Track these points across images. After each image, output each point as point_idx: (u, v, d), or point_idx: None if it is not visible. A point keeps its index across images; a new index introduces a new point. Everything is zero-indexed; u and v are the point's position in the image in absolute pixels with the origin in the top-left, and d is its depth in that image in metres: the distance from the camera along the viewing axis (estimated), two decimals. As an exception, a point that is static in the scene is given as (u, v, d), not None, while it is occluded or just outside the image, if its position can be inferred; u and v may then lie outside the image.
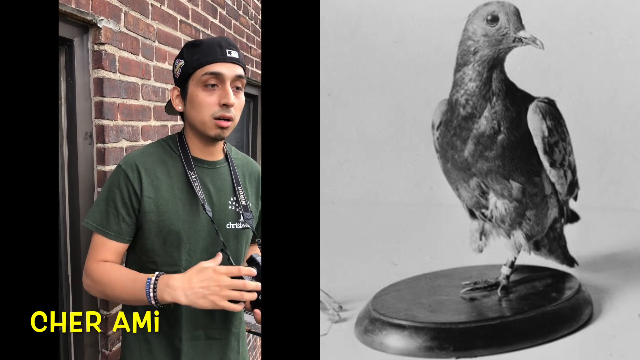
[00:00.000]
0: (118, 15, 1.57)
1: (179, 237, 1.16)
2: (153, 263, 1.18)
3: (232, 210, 1.23)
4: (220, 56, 1.15)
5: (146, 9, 1.74)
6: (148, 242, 1.17)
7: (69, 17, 1.39)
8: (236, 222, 1.23)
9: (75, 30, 1.45)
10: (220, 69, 1.14)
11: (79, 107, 1.48)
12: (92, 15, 1.45)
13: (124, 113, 1.62)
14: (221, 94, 1.15)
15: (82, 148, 1.50)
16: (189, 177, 1.18)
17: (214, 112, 1.15)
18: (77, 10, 1.38)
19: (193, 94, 1.16)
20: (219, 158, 1.26)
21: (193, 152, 1.22)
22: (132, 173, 1.15)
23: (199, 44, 1.18)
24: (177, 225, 1.16)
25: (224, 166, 1.26)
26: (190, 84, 1.17)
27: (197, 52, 1.17)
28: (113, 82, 1.57)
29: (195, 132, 1.20)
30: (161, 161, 1.19)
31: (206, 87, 1.15)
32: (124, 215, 1.15)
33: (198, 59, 1.16)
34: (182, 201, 1.18)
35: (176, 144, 1.22)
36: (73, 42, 1.45)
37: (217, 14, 2.47)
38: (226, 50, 1.16)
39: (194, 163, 1.20)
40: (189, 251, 1.18)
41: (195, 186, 1.17)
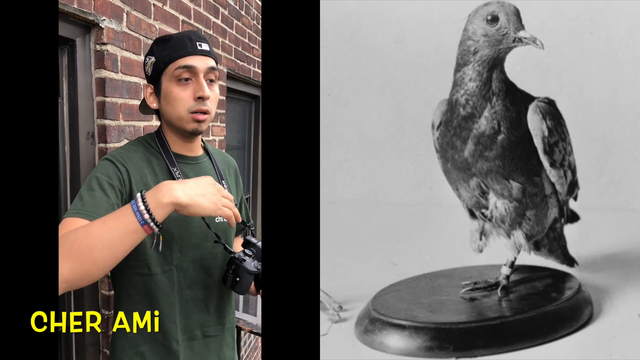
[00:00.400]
0: (120, 15, 1.57)
1: (171, 234, 1.14)
2: (145, 266, 1.13)
3: None
4: (191, 49, 1.13)
5: (148, 9, 1.74)
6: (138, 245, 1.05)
7: (71, 17, 1.39)
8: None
9: (77, 30, 1.45)
10: (192, 62, 1.13)
11: (81, 106, 1.48)
12: (95, 15, 1.45)
13: (126, 113, 1.62)
14: (195, 88, 1.13)
15: (84, 148, 1.50)
16: (173, 174, 1.16)
17: (190, 106, 1.13)
18: (79, 10, 1.38)
19: (167, 90, 1.14)
20: (199, 153, 1.25)
21: (173, 148, 1.20)
22: (120, 166, 1.10)
23: (169, 38, 1.16)
24: (168, 223, 1.11)
25: (206, 161, 1.26)
26: (163, 79, 1.15)
27: (167, 47, 1.15)
28: (115, 82, 1.57)
29: (172, 129, 1.18)
30: (145, 159, 1.16)
31: (180, 81, 1.13)
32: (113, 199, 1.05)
33: (169, 54, 1.14)
34: None
35: (155, 142, 1.19)
36: (75, 42, 1.45)
37: (219, 14, 2.47)
38: (196, 42, 1.14)
39: (176, 159, 1.19)
40: (181, 249, 1.16)
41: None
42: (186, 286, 1.18)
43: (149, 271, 1.14)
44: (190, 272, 1.18)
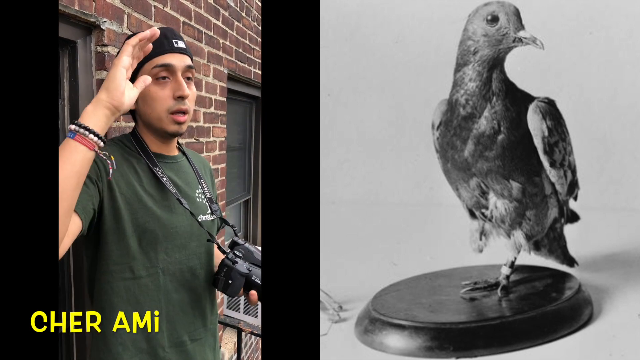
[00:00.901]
0: (121, 16, 1.57)
1: (155, 235, 1.10)
2: (129, 270, 1.09)
3: (200, 202, 1.20)
4: (168, 47, 1.09)
5: (149, 11, 1.75)
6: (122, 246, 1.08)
7: (72, 18, 1.39)
8: (205, 214, 1.20)
9: (78, 31, 1.45)
10: (170, 60, 1.09)
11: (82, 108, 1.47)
12: (95, 17, 1.45)
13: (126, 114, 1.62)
14: (174, 87, 1.09)
15: (83, 148, 1.50)
16: (156, 173, 1.11)
17: (170, 106, 1.09)
18: (80, 12, 1.39)
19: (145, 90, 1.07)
20: (176, 153, 1.21)
21: (152, 148, 1.15)
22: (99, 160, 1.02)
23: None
24: (152, 223, 1.09)
25: (183, 160, 1.22)
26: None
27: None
28: (115, 83, 1.57)
29: (151, 130, 1.13)
30: (124, 159, 1.11)
31: (157, 80, 1.09)
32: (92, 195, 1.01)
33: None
34: (154, 198, 1.11)
35: (132, 143, 1.14)
36: (76, 44, 1.45)
37: (219, 15, 2.47)
38: (172, 40, 1.10)
39: (157, 159, 1.14)
40: (166, 250, 1.12)
41: (165, 181, 1.12)
42: (173, 290, 1.14)
43: (132, 275, 1.09)
44: (176, 274, 1.14)
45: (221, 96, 2.55)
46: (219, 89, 2.52)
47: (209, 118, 2.42)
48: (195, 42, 2.17)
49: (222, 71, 2.53)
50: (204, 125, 2.36)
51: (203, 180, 1.23)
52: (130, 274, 1.09)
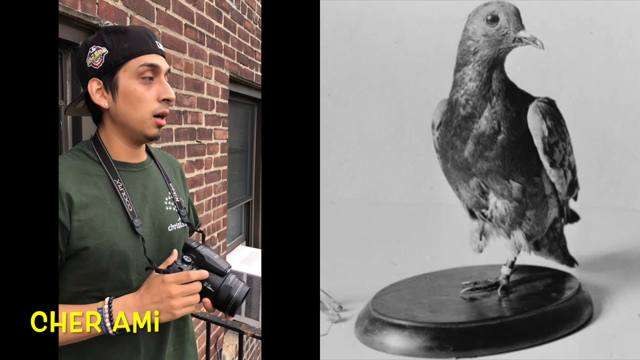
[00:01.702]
0: (124, 19, 1.58)
1: (125, 256, 1.02)
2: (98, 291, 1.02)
3: (169, 210, 1.13)
4: (153, 47, 1.04)
5: (151, 13, 1.75)
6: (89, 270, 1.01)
7: (75, 21, 1.40)
8: (177, 223, 1.14)
9: (81, 34, 1.45)
10: (156, 61, 1.03)
11: (82, 109, 1.48)
12: (98, 20, 1.45)
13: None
14: (160, 89, 1.03)
15: (85, 150, 1.50)
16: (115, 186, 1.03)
17: (155, 108, 1.03)
18: (83, 15, 1.39)
19: (128, 88, 1.02)
20: (144, 158, 1.13)
21: (117, 156, 1.07)
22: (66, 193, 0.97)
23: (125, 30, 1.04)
24: (120, 244, 1.01)
25: (151, 165, 1.15)
26: (120, 75, 1.02)
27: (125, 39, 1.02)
28: (116, 84, 1.57)
29: (124, 132, 1.06)
30: (84, 173, 1.02)
31: (143, 79, 1.02)
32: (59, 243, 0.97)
33: (130, 48, 1.02)
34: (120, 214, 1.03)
35: (94, 151, 1.05)
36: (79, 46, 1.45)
37: (222, 18, 2.47)
38: (155, 41, 1.06)
39: (120, 168, 1.06)
40: (137, 269, 1.04)
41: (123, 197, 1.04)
42: None
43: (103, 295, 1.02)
44: None
45: (223, 98, 2.55)
46: (221, 91, 2.52)
47: (211, 120, 2.42)
48: (197, 45, 2.18)
49: (224, 73, 2.54)
50: (206, 127, 2.37)
51: (172, 184, 1.16)
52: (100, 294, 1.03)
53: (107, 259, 1.00)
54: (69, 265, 1.01)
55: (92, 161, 1.04)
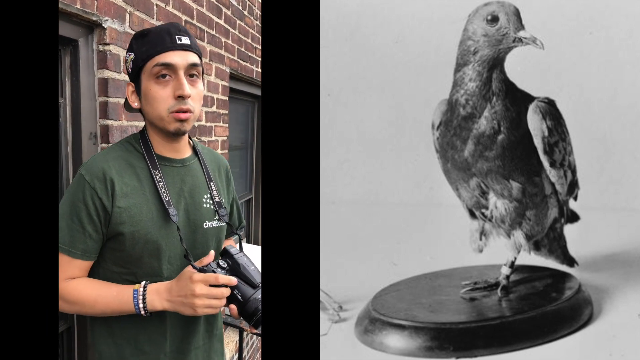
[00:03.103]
0: (123, 15, 1.58)
1: (158, 245, 1.08)
2: (132, 275, 1.09)
3: (207, 208, 1.17)
4: (170, 44, 1.06)
5: (151, 10, 1.75)
6: (124, 255, 1.08)
7: (74, 17, 1.40)
8: (213, 220, 1.17)
9: (80, 30, 1.45)
10: (170, 59, 1.05)
11: (84, 107, 1.49)
12: (97, 16, 1.45)
13: (128, 113, 1.63)
14: (175, 86, 1.06)
15: (86, 148, 1.50)
16: (154, 177, 1.09)
17: (170, 105, 1.06)
18: (82, 11, 1.39)
19: (146, 88, 1.07)
20: (186, 155, 1.18)
21: (158, 150, 1.13)
22: (99, 183, 1.04)
23: (147, 33, 1.08)
24: (154, 234, 1.07)
25: (194, 162, 1.19)
26: (142, 77, 1.08)
27: (145, 42, 1.07)
28: (118, 82, 1.57)
29: (155, 129, 1.11)
30: (128, 164, 1.09)
31: (158, 79, 1.06)
32: (90, 232, 1.05)
33: (147, 50, 1.06)
34: (156, 206, 1.08)
35: (140, 144, 1.12)
36: (78, 43, 1.45)
37: (222, 14, 2.47)
38: (175, 37, 1.07)
39: (160, 162, 1.12)
40: (169, 259, 1.10)
41: (160, 187, 1.08)
42: None
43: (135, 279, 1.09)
44: None
45: (223, 95, 2.55)
46: (221, 88, 2.52)
47: (211, 117, 2.42)
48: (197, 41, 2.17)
49: (224, 70, 2.53)
50: (206, 124, 2.37)
51: (213, 184, 1.19)
52: (133, 278, 1.09)
53: (141, 246, 1.07)
54: (109, 246, 1.09)
55: (137, 153, 1.11)
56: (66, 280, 1.06)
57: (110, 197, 1.04)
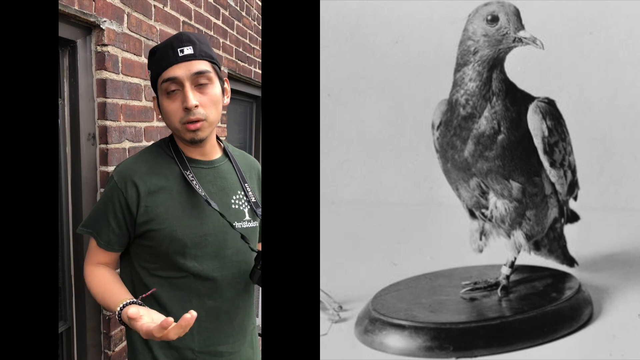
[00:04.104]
0: (121, 16, 1.57)
1: (183, 243, 1.12)
2: (160, 270, 1.15)
3: (235, 209, 1.20)
4: (173, 59, 1.11)
5: (149, 10, 1.75)
6: (152, 251, 1.14)
7: (72, 18, 1.40)
8: (242, 221, 1.20)
9: (78, 31, 1.45)
10: (174, 73, 1.10)
11: (82, 108, 1.49)
12: (95, 17, 1.45)
13: (126, 114, 1.63)
14: (182, 98, 1.11)
15: (85, 149, 1.50)
16: (186, 177, 1.14)
17: (181, 118, 1.12)
18: (80, 12, 1.39)
19: (161, 104, 1.15)
20: (215, 156, 1.22)
21: (187, 153, 1.19)
22: (126, 186, 1.12)
23: (155, 51, 1.15)
24: (180, 232, 1.12)
25: (224, 163, 1.23)
26: (159, 93, 1.15)
27: (154, 61, 1.14)
28: (116, 83, 1.57)
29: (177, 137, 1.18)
30: (157, 165, 1.15)
31: (169, 94, 1.12)
32: (114, 227, 1.13)
33: (156, 69, 1.13)
34: (183, 205, 1.14)
35: (169, 147, 1.19)
36: (76, 44, 1.45)
37: (220, 15, 2.47)
38: (178, 50, 1.11)
39: (190, 164, 1.17)
40: (196, 257, 1.14)
41: (194, 185, 1.13)
42: (206, 296, 1.16)
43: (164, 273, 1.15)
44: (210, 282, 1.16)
45: (221, 96, 2.55)
46: (220, 89, 2.51)
47: (210, 118, 2.41)
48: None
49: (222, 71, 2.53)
50: (205, 125, 2.36)
51: (247, 184, 1.23)
52: (162, 272, 1.15)
53: (167, 243, 1.12)
54: (138, 243, 1.15)
55: (166, 156, 1.17)
56: (95, 264, 1.17)
57: (136, 197, 1.11)
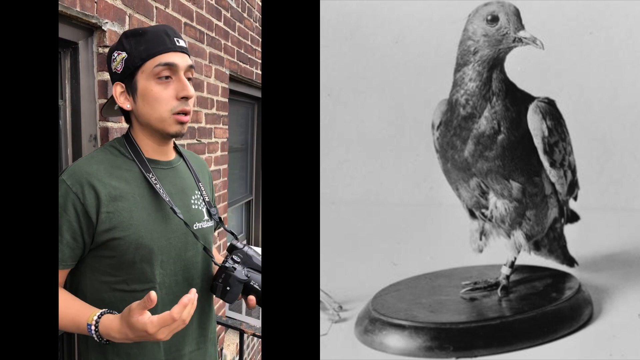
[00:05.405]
0: (123, 18, 1.58)
1: (150, 250, 1.04)
2: (123, 283, 1.05)
3: (196, 209, 1.15)
4: (171, 45, 1.05)
5: (150, 12, 1.75)
6: (115, 261, 1.04)
7: (73, 20, 1.40)
8: (202, 222, 1.16)
9: (80, 33, 1.45)
10: (173, 59, 1.04)
11: (84, 109, 1.49)
12: (97, 18, 1.45)
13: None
14: (178, 87, 1.05)
15: (86, 150, 1.50)
16: (149, 180, 1.06)
17: (173, 107, 1.04)
18: (81, 13, 1.39)
19: (145, 89, 1.04)
20: (172, 157, 1.16)
21: (146, 153, 1.10)
22: (83, 190, 1.00)
23: (143, 32, 1.06)
24: (146, 237, 1.04)
25: (180, 164, 1.17)
26: (139, 77, 1.05)
27: (142, 41, 1.04)
28: (117, 84, 1.57)
29: (149, 131, 1.09)
30: (114, 168, 1.05)
31: (160, 79, 1.04)
32: (68, 239, 1.00)
33: (147, 50, 1.04)
34: (147, 209, 1.05)
35: (126, 148, 1.09)
36: (78, 45, 1.45)
37: (221, 16, 2.47)
38: (174, 38, 1.06)
39: (151, 165, 1.09)
40: (161, 263, 1.07)
41: (158, 189, 1.06)
42: (169, 302, 1.06)
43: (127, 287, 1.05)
44: (172, 287, 1.09)
45: (223, 97, 2.55)
46: (221, 90, 2.52)
47: (211, 119, 2.42)
48: (196, 43, 2.17)
49: (223, 72, 2.54)
50: (206, 126, 2.37)
51: (202, 184, 1.19)
52: (125, 286, 1.05)
53: (132, 251, 1.03)
54: (97, 254, 1.04)
55: (123, 157, 1.08)
56: None
57: (95, 203, 1.00)
